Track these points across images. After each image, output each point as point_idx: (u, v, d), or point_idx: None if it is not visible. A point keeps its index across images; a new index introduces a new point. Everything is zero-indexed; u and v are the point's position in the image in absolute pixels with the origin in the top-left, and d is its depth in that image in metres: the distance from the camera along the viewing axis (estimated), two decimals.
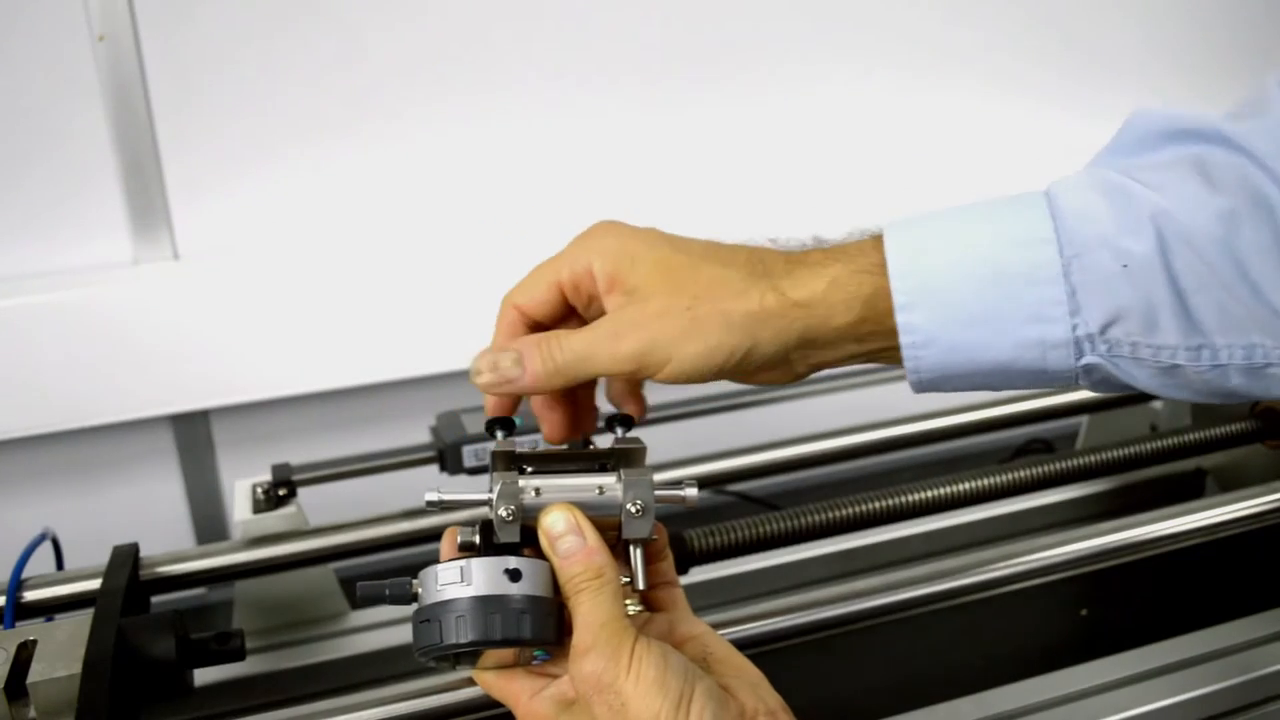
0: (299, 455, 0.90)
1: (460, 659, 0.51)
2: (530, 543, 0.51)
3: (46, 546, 0.73)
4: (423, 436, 0.91)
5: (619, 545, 0.52)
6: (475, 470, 0.87)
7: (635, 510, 0.51)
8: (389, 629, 0.86)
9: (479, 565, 0.48)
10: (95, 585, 0.66)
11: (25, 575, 0.69)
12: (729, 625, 0.63)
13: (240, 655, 0.62)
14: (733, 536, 0.73)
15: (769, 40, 1.20)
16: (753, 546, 0.74)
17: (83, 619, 0.58)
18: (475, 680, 0.53)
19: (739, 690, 0.48)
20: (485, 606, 0.47)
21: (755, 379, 0.53)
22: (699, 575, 0.85)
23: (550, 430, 0.57)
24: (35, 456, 1.08)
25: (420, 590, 0.49)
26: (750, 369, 0.51)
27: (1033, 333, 0.47)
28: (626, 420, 0.55)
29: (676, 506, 0.54)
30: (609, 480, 0.52)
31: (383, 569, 0.91)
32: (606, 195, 1.18)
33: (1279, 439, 0.89)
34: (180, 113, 1.03)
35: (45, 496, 1.10)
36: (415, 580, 0.49)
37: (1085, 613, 0.90)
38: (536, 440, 0.86)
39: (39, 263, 1.03)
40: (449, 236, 1.12)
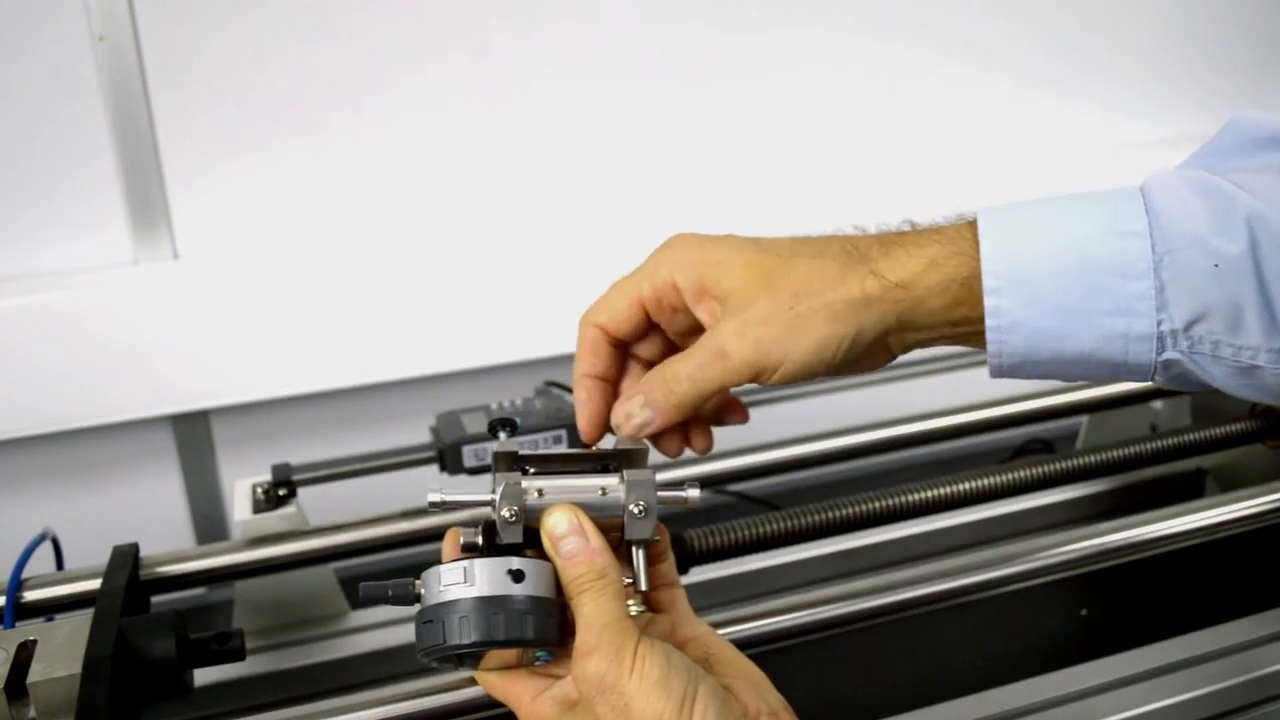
0: (299, 455, 0.90)
1: (463, 660, 0.51)
2: (533, 544, 0.51)
3: (46, 546, 0.73)
4: (423, 436, 0.91)
5: (621, 546, 0.52)
6: (475, 470, 0.87)
7: (638, 511, 0.51)
8: (389, 629, 0.86)
9: (482, 566, 0.48)
10: (95, 585, 0.66)
11: (25, 575, 0.69)
12: (729, 625, 0.63)
13: (240, 655, 0.62)
14: (733, 536, 0.73)
15: (769, 29, 1.20)
16: (753, 546, 0.74)
17: (83, 619, 0.58)
18: (478, 681, 0.53)
19: (741, 690, 0.48)
20: (488, 607, 0.47)
21: (853, 369, 0.53)
22: (699, 575, 0.85)
23: (670, 450, 0.58)
24: (35, 456, 1.08)
25: (423, 591, 0.49)
26: (854, 358, 0.51)
27: (1118, 325, 0.47)
28: None
29: (678, 507, 0.54)
30: (611, 481, 0.52)
31: (383, 569, 0.91)
32: (610, 194, 1.18)
33: (1279, 439, 0.89)
34: (180, 113, 1.03)
35: (45, 496, 1.10)
36: (418, 581, 0.49)
37: (1085, 613, 0.90)
38: (538, 441, 0.87)
39: (39, 263, 1.03)
40: (449, 238, 1.12)
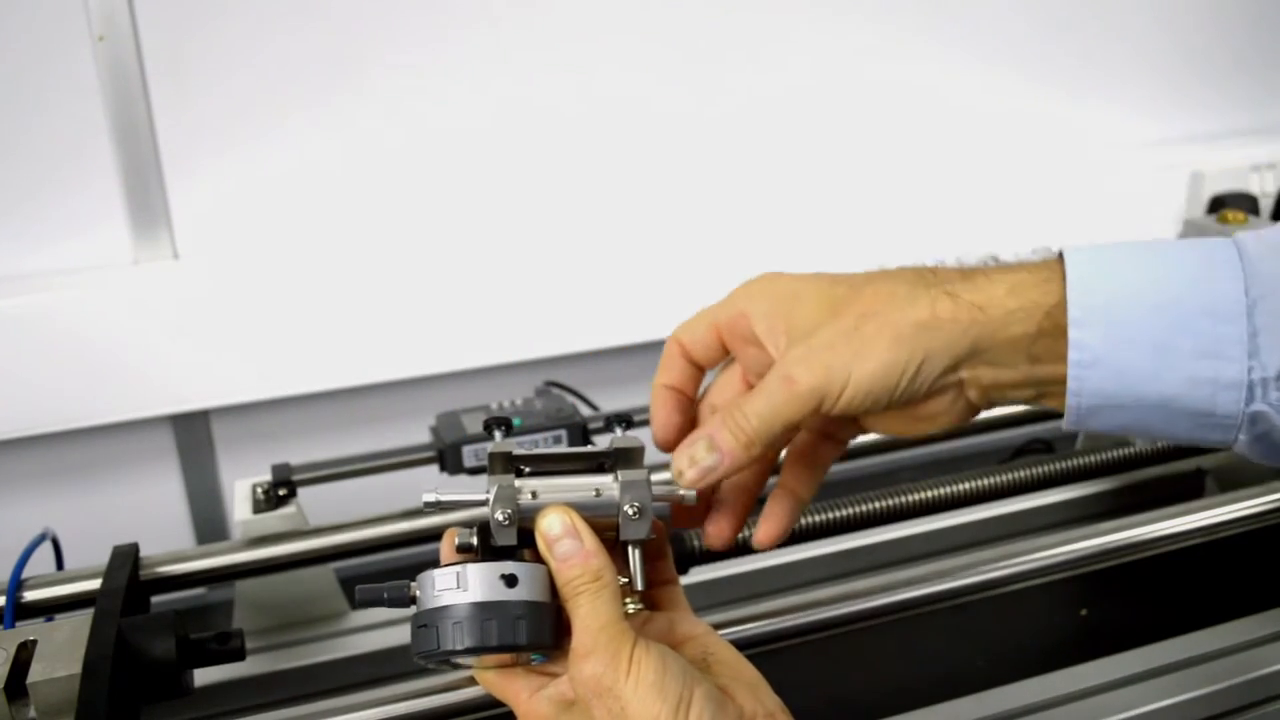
0: (299, 455, 0.90)
1: (459, 662, 0.51)
2: (529, 544, 0.51)
3: (46, 546, 0.73)
4: (423, 436, 0.92)
5: (617, 545, 0.52)
6: (475, 470, 0.87)
7: (632, 512, 0.51)
8: (389, 629, 0.86)
9: (475, 571, 0.48)
10: (95, 585, 0.66)
11: (25, 575, 0.69)
12: (729, 625, 0.63)
13: (240, 655, 0.62)
14: None
15: (781, 38, 1.20)
16: (753, 546, 0.74)
17: (83, 619, 0.58)
18: (476, 678, 0.53)
19: (737, 692, 0.48)
20: (481, 613, 0.47)
21: (927, 412, 0.51)
22: (699, 575, 0.85)
23: (722, 535, 0.56)
24: (35, 456, 1.08)
25: (418, 594, 0.49)
26: (922, 389, 0.49)
27: (1206, 369, 0.45)
28: (626, 419, 0.55)
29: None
30: (606, 481, 0.52)
31: (383, 569, 0.91)
32: (610, 194, 1.18)
33: None
34: (180, 112, 1.03)
35: (45, 496, 1.10)
36: (413, 583, 0.49)
37: (1085, 613, 0.90)
38: (538, 441, 0.87)
39: (38, 262, 1.03)
40: (449, 237, 1.12)
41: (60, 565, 0.74)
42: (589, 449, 0.53)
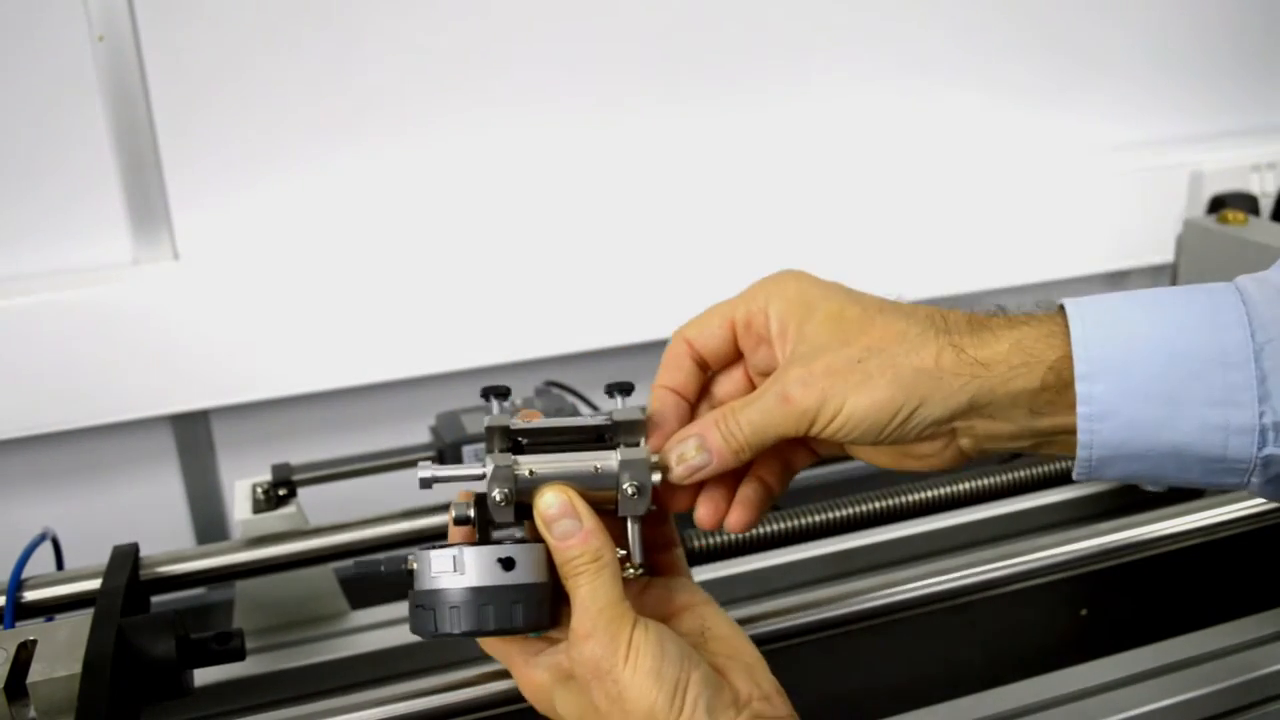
0: (299, 455, 0.90)
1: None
2: (527, 517, 0.50)
3: (46, 546, 0.73)
4: (423, 436, 0.92)
5: (616, 518, 0.52)
6: None
7: (631, 492, 0.51)
8: (389, 629, 0.86)
9: (472, 555, 0.48)
10: (95, 585, 0.66)
11: (25, 575, 0.69)
12: None
13: (240, 655, 0.62)
14: (733, 536, 0.73)
15: (773, 45, 1.20)
16: (753, 546, 0.75)
17: (83, 619, 0.58)
18: (477, 641, 0.53)
19: (734, 673, 0.49)
20: (478, 598, 0.47)
21: (916, 453, 0.52)
22: (699, 575, 0.84)
23: (706, 520, 0.56)
24: (35, 456, 1.08)
25: (416, 571, 0.49)
26: (913, 434, 0.49)
27: (1217, 416, 0.46)
28: (626, 388, 0.54)
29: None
30: (605, 457, 0.51)
31: None
32: (610, 194, 1.18)
33: None
34: (180, 113, 1.03)
35: (45, 496, 1.10)
36: (411, 558, 0.49)
37: (1085, 613, 0.90)
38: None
39: (39, 263, 1.03)
40: (449, 237, 1.12)
41: (60, 565, 0.74)
42: (588, 420, 0.53)
